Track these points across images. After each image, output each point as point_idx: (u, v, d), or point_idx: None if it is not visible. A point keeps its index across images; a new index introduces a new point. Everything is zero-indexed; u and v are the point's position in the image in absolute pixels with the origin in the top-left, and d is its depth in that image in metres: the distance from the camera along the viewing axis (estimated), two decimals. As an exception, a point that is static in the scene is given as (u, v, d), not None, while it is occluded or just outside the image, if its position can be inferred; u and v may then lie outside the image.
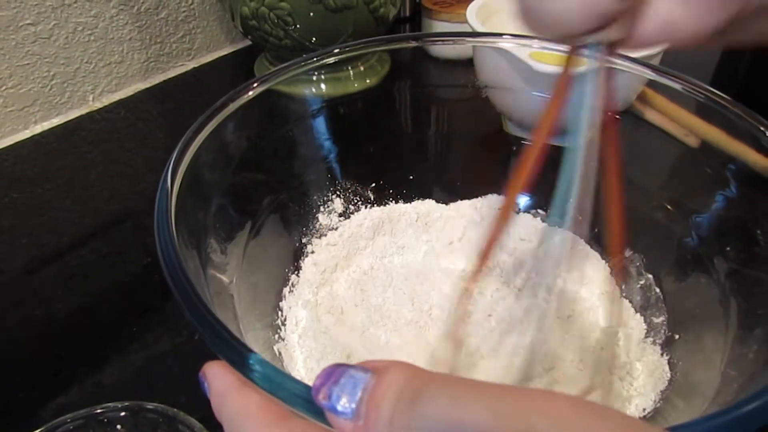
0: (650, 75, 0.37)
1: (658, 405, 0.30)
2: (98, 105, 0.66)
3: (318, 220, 0.45)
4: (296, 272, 0.42)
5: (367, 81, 0.55)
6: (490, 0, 0.57)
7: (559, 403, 0.14)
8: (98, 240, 0.50)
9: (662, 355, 0.33)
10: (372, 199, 0.47)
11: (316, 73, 0.54)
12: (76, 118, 0.64)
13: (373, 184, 0.47)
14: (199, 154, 0.31)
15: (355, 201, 0.46)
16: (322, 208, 0.45)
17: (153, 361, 0.40)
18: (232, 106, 0.34)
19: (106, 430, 0.28)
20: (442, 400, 0.14)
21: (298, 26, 0.57)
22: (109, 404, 0.29)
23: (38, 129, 0.62)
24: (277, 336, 0.37)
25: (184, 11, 0.69)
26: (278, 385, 0.19)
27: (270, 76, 0.37)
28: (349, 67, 0.55)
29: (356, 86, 0.54)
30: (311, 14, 0.56)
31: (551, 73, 0.43)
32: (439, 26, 0.71)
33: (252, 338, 0.32)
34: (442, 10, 0.70)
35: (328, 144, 0.44)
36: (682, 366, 0.31)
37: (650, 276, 0.38)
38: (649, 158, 0.41)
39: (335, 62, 0.54)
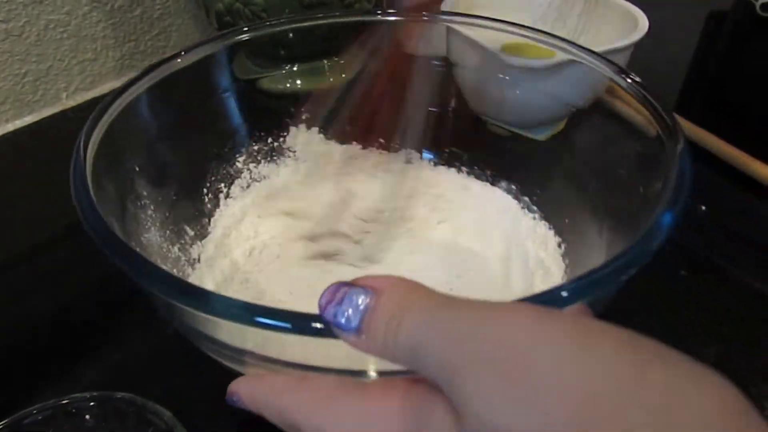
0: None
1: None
2: (72, 103, 0.65)
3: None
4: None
5: (343, 75, 0.55)
6: (464, -4, 0.57)
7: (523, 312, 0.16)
8: (71, 237, 0.49)
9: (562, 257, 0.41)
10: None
11: (290, 67, 0.54)
12: (49, 116, 0.63)
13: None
14: (114, 125, 0.33)
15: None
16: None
17: (127, 356, 0.39)
18: (148, 80, 0.36)
19: (74, 420, 0.28)
20: (422, 318, 0.17)
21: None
22: (77, 395, 0.29)
23: (10, 127, 0.62)
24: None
25: (158, 9, 0.69)
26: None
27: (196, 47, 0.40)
28: (324, 59, 0.55)
29: (331, 80, 0.54)
30: (286, 10, 0.56)
31: (523, 65, 0.43)
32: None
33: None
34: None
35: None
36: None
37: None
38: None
39: (312, 57, 0.55)
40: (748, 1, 0.59)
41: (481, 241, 0.44)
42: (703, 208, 0.52)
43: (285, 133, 0.49)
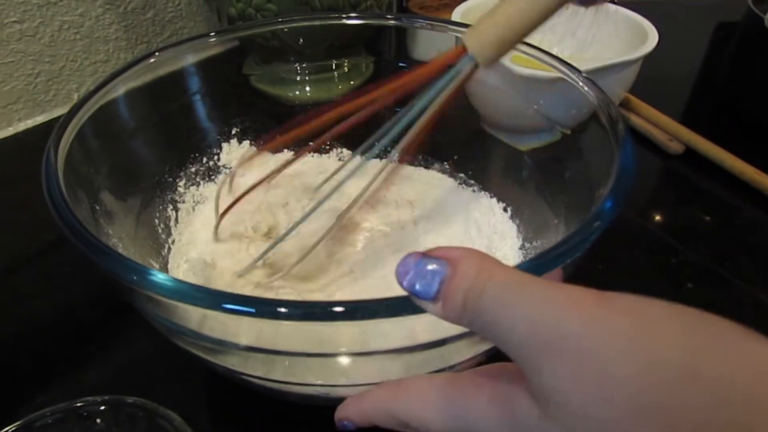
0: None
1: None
2: (83, 104, 0.66)
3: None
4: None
5: (351, 83, 0.55)
6: (475, 4, 0.57)
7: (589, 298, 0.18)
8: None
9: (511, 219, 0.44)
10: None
11: (300, 74, 0.54)
12: (61, 116, 0.64)
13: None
14: (86, 125, 0.36)
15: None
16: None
17: (135, 359, 0.40)
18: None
19: (85, 423, 0.29)
20: (502, 294, 0.18)
21: (284, 28, 0.57)
22: (89, 398, 0.29)
23: (22, 126, 0.62)
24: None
25: (171, 12, 0.69)
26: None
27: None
28: (334, 67, 0.56)
29: (340, 88, 0.55)
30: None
31: (529, 76, 0.43)
32: (425, 31, 0.72)
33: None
34: (428, 15, 0.71)
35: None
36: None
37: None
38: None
39: (321, 64, 0.55)
40: (757, 14, 0.59)
41: (437, 220, 0.46)
42: (708, 218, 0.53)
43: (218, 151, 0.49)
